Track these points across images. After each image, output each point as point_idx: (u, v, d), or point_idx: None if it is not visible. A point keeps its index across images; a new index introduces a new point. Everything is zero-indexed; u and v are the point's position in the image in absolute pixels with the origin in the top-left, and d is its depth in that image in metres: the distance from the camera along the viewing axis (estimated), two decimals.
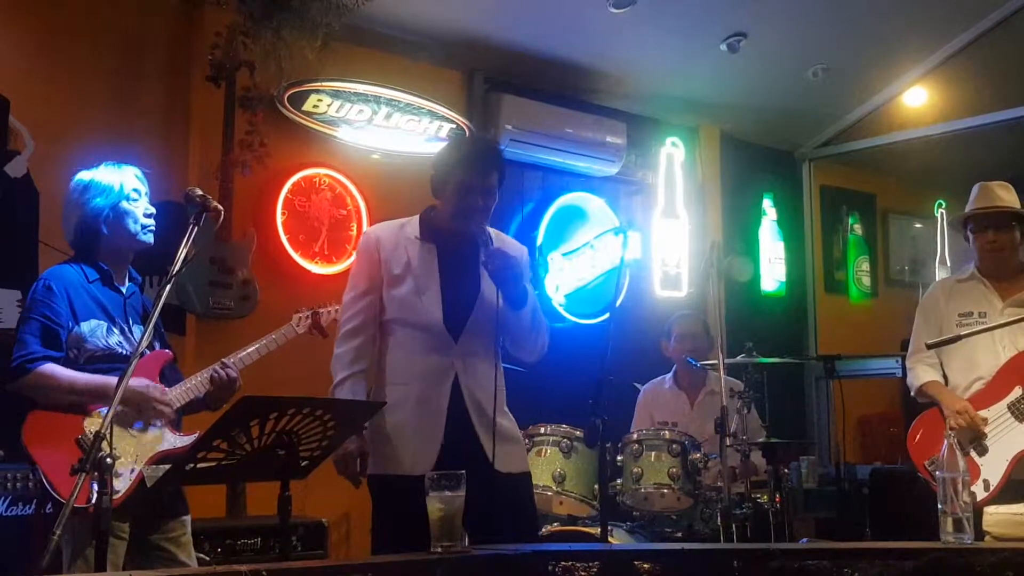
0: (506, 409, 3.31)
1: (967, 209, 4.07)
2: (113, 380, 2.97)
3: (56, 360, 3.04)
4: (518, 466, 3.28)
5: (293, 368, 4.25)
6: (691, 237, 7.05)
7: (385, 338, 3.28)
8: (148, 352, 3.17)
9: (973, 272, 4.05)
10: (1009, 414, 3.78)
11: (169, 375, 3.26)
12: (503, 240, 3.36)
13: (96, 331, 3.12)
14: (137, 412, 3.08)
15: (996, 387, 3.85)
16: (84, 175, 3.24)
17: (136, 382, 3.06)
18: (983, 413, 3.80)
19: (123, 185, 3.20)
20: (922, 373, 4.02)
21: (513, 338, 3.30)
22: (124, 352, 3.14)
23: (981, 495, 3.68)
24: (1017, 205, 4.03)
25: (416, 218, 3.36)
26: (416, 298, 3.21)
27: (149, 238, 3.24)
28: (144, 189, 3.26)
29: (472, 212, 3.19)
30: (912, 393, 4.08)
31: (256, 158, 4.89)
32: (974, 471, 3.70)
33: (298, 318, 3.55)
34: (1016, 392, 3.79)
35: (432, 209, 3.35)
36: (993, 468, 3.74)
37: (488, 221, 3.25)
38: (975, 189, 4.09)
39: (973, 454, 3.76)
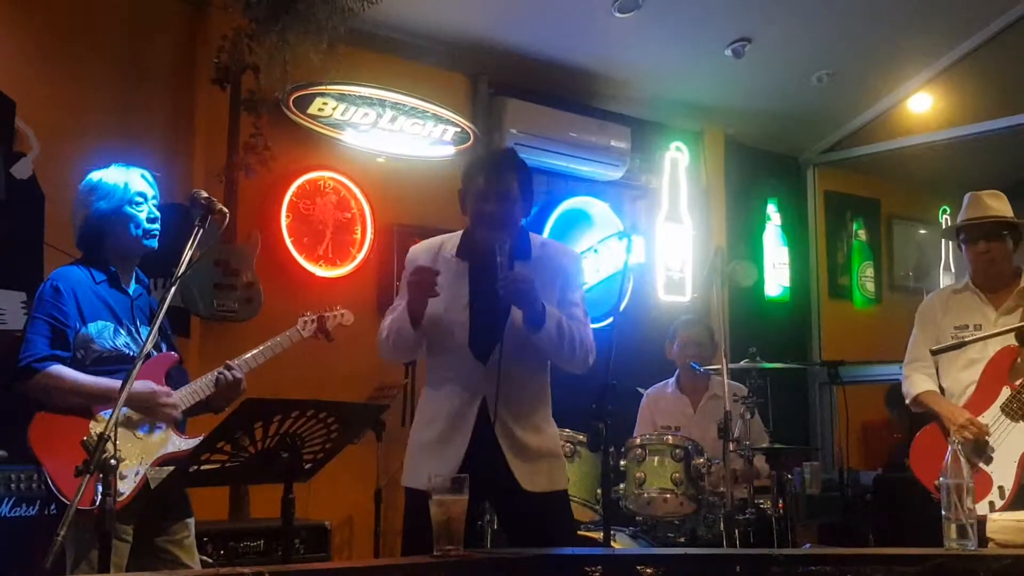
0: (545, 427, 3.29)
1: (959, 219, 4.09)
2: (119, 384, 2.98)
3: (63, 360, 3.04)
4: (551, 484, 3.23)
5: (299, 371, 4.26)
6: (695, 242, 7.05)
7: (427, 356, 3.30)
8: (155, 354, 3.18)
9: (967, 283, 4.07)
10: (1003, 416, 3.79)
11: (175, 377, 3.26)
12: (549, 246, 3.34)
13: (103, 332, 3.12)
14: (143, 415, 3.09)
15: (984, 393, 3.86)
16: (94, 175, 3.24)
17: (142, 384, 3.06)
18: (980, 419, 3.81)
19: (127, 188, 3.19)
20: (918, 382, 4.03)
21: (547, 354, 3.24)
22: (131, 353, 3.14)
23: (999, 503, 3.67)
24: (1008, 213, 4.03)
25: (458, 234, 3.32)
26: (444, 319, 3.18)
27: (152, 243, 3.24)
28: (151, 193, 3.25)
29: (483, 218, 3.16)
30: (907, 402, 4.10)
31: (261, 161, 4.90)
32: (986, 481, 3.70)
33: (303, 321, 3.54)
34: (1004, 393, 3.81)
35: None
36: (1004, 473, 3.73)
37: (506, 228, 3.17)
38: (966, 199, 4.11)
39: (981, 464, 3.75)
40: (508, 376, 3.14)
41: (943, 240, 8.72)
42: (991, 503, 3.67)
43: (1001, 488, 3.71)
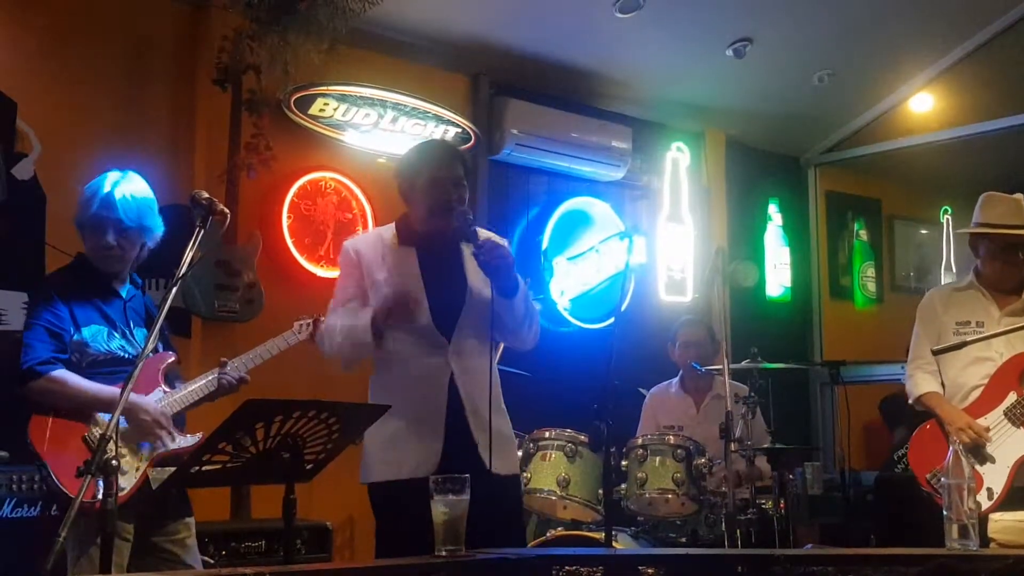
0: (502, 407, 3.30)
1: (1003, 222, 3.95)
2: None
3: (63, 363, 3.05)
4: (510, 468, 3.29)
5: (300, 371, 4.26)
6: (696, 242, 7.05)
7: (378, 348, 3.26)
8: (151, 355, 3.18)
9: (972, 281, 4.03)
10: (1006, 420, 3.78)
11: (171, 377, 3.27)
12: (483, 235, 3.33)
13: (97, 337, 3.13)
14: (134, 427, 3.08)
15: (991, 394, 3.84)
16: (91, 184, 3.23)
17: (150, 404, 3.09)
18: (981, 421, 3.79)
19: (88, 206, 3.15)
20: (921, 382, 4.00)
21: (508, 328, 3.27)
22: (126, 356, 3.15)
23: (986, 504, 3.67)
24: None
25: (392, 226, 3.36)
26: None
27: (107, 265, 3.19)
28: (113, 217, 3.13)
29: (447, 204, 3.19)
30: (910, 401, 4.08)
31: (262, 161, 4.90)
32: (977, 481, 3.69)
33: (299, 325, 3.54)
34: (1011, 398, 3.79)
35: (406, 215, 3.35)
36: (995, 476, 3.73)
37: (470, 212, 3.24)
38: (1009, 204, 3.99)
39: (975, 465, 3.74)
40: (470, 352, 3.17)
41: (944, 240, 8.71)
42: (978, 503, 3.67)
43: (990, 490, 3.71)
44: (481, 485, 2.95)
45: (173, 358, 3.29)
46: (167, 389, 3.20)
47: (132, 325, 3.23)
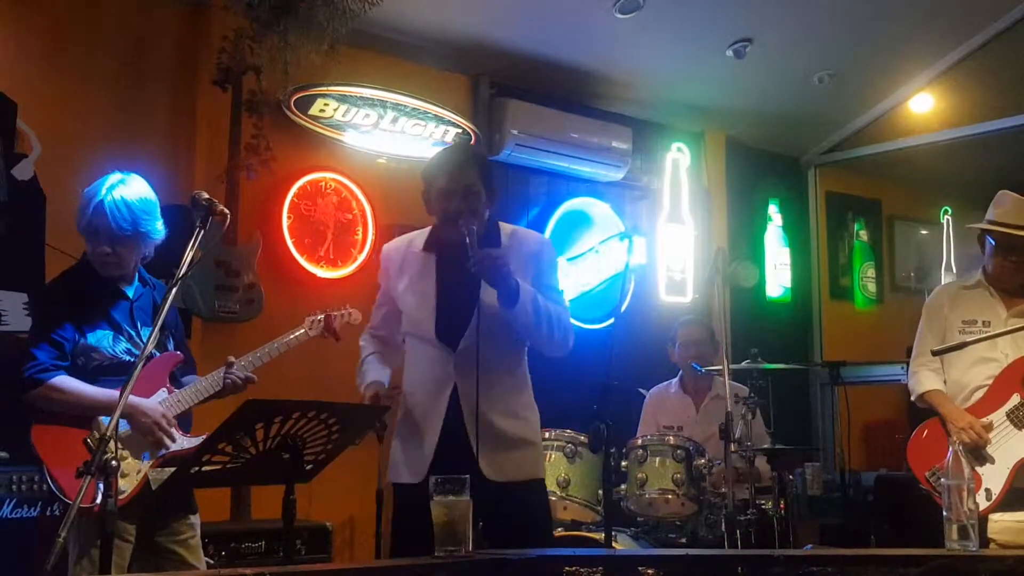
0: (525, 414, 3.27)
1: (1007, 221, 3.92)
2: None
3: (65, 370, 3.05)
4: (520, 473, 3.20)
5: (300, 372, 4.26)
6: (696, 242, 7.05)
7: (405, 350, 3.33)
8: (157, 355, 3.18)
9: (980, 280, 4.02)
10: (1008, 422, 3.77)
11: (178, 377, 3.27)
12: (518, 234, 3.32)
13: (103, 341, 3.12)
14: (143, 437, 3.08)
15: (995, 395, 3.83)
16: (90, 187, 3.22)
17: (149, 406, 3.08)
18: (983, 421, 3.79)
19: (84, 213, 3.14)
20: (925, 380, 3.99)
21: (522, 336, 3.25)
22: (131, 360, 3.13)
23: (984, 505, 3.66)
24: None
25: (427, 230, 3.34)
26: (415, 310, 3.22)
27: (106, 271, 3.18)
28: (105, 225, 3.11)
29: (453, 216, 3.14)
30: (912, 398, 4.06)
31: (262, 162, 4.90)
32: (976, 482, 3.68)
33: (311, 321, 3.54)
34: (1014, 399, 3.78)
35: None
36: (994, 477, 3.73)
37: (476, 221, 3.15)
38: (1016, 203, 3.96)
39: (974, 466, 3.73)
40: (480, 362, 3.09)
41: (945, 240, 8.71)
42: (976, 504, 3.67)
43: (988, 491, 3.70)
44: (480, 494, 2.95)
45: (180, 358, 3.28)
46: (172, 389, 3.20)
47: (139, 326, 3.21)
